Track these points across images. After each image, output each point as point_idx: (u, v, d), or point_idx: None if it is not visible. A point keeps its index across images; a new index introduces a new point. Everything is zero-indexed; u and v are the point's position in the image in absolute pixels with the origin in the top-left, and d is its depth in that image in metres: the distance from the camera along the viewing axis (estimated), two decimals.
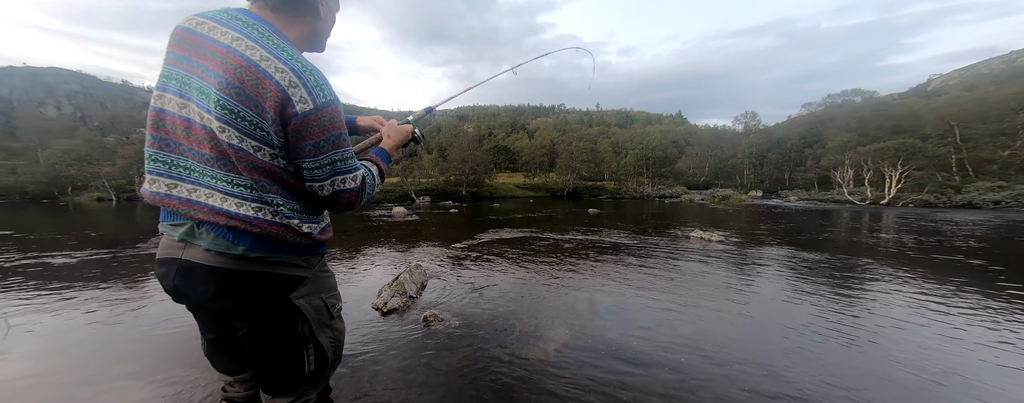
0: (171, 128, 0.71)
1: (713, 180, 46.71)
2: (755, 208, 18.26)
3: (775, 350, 2.33)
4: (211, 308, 0.75)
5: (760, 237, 7.55)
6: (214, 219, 0.69)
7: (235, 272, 0.70)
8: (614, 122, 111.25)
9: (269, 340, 0.75)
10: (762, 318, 2.92)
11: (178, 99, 0.69)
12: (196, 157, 0.70)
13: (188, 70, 0.68)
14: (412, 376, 1.95)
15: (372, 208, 17.76)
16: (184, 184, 0.70)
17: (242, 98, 0.66)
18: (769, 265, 4.87)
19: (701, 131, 66.31)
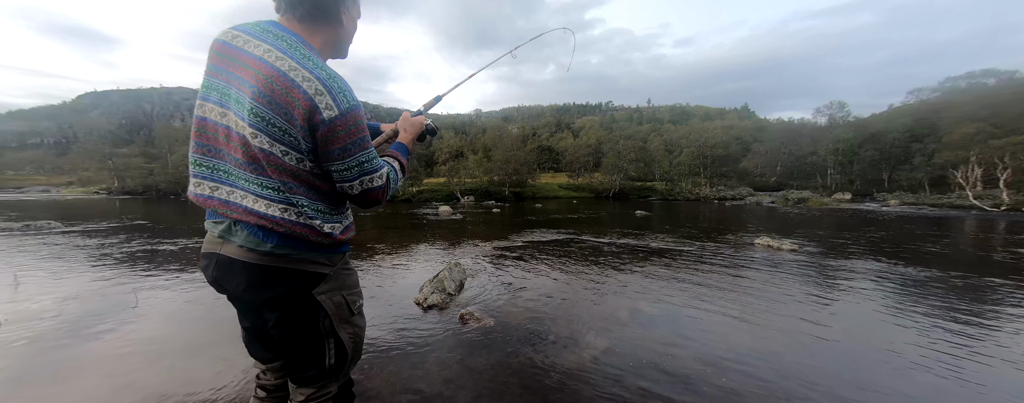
0: (212, 135, 0.77)
1: (787, 181, 40.99)
2: (841, 213, 15.68)
3: (854, 380, 1.95)
4: (244, 299, 0.82)
5: (845, 247, 6.46)
6: (246, 218, 0.75)
7: (264, 267, 0.75)
8: (667, 119, 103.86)
9: (294, 332, 0.80)
10: (841, 341, 2.47)
11: (218, 108, 0.75)
12: (233, 162, 0.76)
13: (226, 81, 0.75)
14: (447, 372, 1.99)
15: (420, 207, 18.80)
16: (224, 186, 0.77)
17: (273, 106, 0.71)
18: (855, 279, 4.13)
19: (772, 126, 58.53)
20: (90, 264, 4.58)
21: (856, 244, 6.76)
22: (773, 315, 2.96)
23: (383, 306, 3.08)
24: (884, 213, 15.92)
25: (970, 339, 2.51)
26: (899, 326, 2.76)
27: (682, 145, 44.87)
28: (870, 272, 4.51)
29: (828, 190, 34.06)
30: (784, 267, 4.75)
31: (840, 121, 42.42)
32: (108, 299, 3.17)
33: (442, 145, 52.25)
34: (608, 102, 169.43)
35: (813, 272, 4.51)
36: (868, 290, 3.73)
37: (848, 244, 6.78)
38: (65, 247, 5.77)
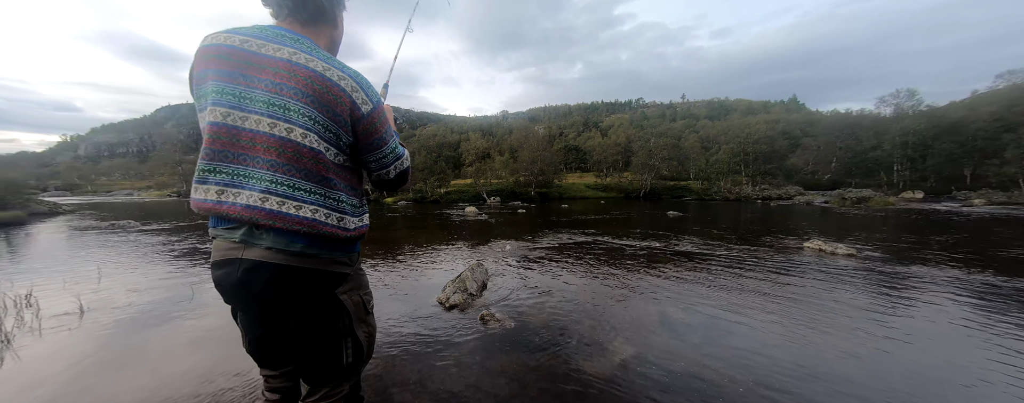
0: (230, 140, 0.74)
1: (843, 178, 36.97)
2: (910, 214, 13.85)
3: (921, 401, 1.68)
4: (268, 302, 0.78)
5: (914, 251, 5.70)
6: (274, 221, 0.73)
7: (293, 268, 0.75)
8: (704, 114, 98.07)
9: (315, 333, 0.80)
10: (907, 356, 2.16)
11: (238, 112, 0.73)
12: (260, 165, 0.74)
13: (247, 85, 0.73)
14: (466, 373, 1.99)
15: (447, 207, 19.23)
16: (244, 190, 0.74)
17: (318, 106, 0.74)
18: (925, 288, 3.62)
19: (825, 118, 52.80)
20: (158, 259, 5.15)
21: (928, 248, 5.94)
22: (824, 326, 2.66)
23: (407, 304, 3.16)
24: (965, 214, 13.88)
25: None
26: (980, 342, 2.36)
27: (720, 141, 41.83)
28: (945, 280, 3.93)
29: (894, 188, 30.35)
30: (838, 273, 4.28)
31: (909, 111, 37.43)
32: (170, 292, 3.53)
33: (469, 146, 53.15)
34: (639, 99, 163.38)
35: (873, 279, 4.01)
36: (942, 300, 3.24)
37: (917, 248, 5.97)
38: (139, 244, 6.54)
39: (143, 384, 1.86)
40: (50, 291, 3.47)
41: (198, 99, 0.78)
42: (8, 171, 20.79)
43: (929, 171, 33.19)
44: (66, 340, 2.39)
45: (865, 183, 33.53)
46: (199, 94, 0.77)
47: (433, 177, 29.37)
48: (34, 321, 2.66)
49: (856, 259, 5.14)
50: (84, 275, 4.15)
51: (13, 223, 10.48)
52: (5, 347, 2.25)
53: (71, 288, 3.58)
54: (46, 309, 2.91)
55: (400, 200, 26.70)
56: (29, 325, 2.59)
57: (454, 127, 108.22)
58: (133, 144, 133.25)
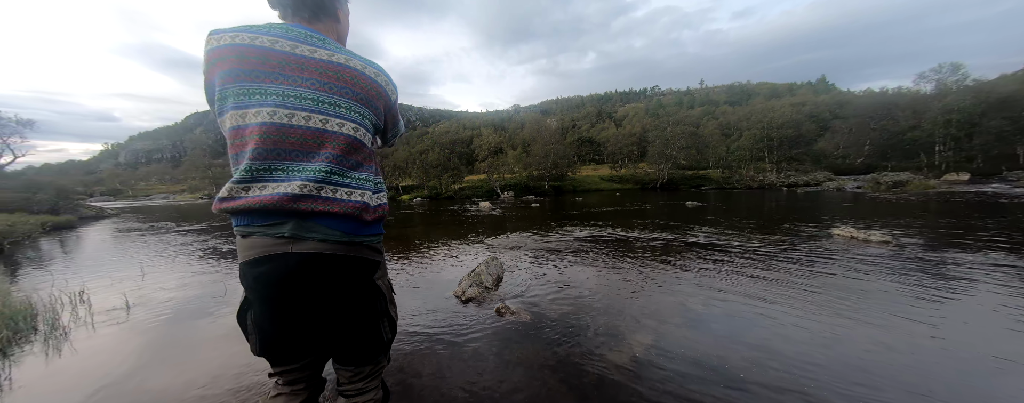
0: (281, 138, 0.75)
1: (877, 162, 34.58)
2: (954, 197, 12.89)
3: (967, 395, 1.58)
4: (318, 293, 0.79)
5: (958, 237, 5.31)
6: (330, 208, 0.77)
7: (342, 258, 0.80)
8: (723, 100, 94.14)
9: (361, 317, 0.86)
10: (952, 347, 2.03)
11: (283, 110, 0.74)
12: (314, 159, 0.76)
13: (290, 84, 0.75)
14: (482, 364, 2.02)
15: (461, 203, 19.42)
16: (292, 183, 0.74)
17: (363, 101, 0.83)
18: (970, 276, 3.37)
19: (857, 99, 49.36)
20: (193, 258, 5.47)
21: (973, 234, 5.51)
22: (854, 316, 2.53)
23: (424, 298, 3.24)
24: (1016, 196, 12.82)
25: None
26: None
27: (742, 127, 39.96)
28: (991, 267, 3.64)
29: (936, 170, 28.25)
30: (871, 262, 4.05)
31: (953, 86, 34.46)
32: (205, 288, 3.75)
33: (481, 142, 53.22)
34: (654, 87, 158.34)
35: (911, 267, 3.78)
36: (987, 290, 3.01)
37: (961, 234, 5.55)
38: (176, 244, 6.97)
39: (189, 373, 2.00)
40: (100, 288, 3.75)
41: (223, 99, 0.76)
42: (60, 179, 22.53)
43: (976, 151, 30.55)
44: (116, 333, 2.58)
45: (903, 166, 31.24)
46: (226, 94, 0.75)
47: (447, 174, 29.68)
48: (87, 316, 2.89)
49: (891, 246, 4.85)
50: (129, 274, 4.47)
51: (66, 226, 11.38)
52: (64, 339, 2.46)
53: (118, 286, 3.87)
54: (97, 305, 3.15)
55: (415, 197, 27.17)
56: (83, 320, 2.82)
57: (466, 123, 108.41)
58: (167, 150, 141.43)
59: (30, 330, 2.53)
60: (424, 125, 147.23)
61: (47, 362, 2.16)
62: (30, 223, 9.78)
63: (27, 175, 22.67)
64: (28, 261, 5.73)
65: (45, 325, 2.61)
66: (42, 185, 16.14)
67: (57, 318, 2.73)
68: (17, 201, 13.21)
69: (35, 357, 2.22)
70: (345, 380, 0.90)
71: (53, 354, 2.26)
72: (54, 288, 3.39)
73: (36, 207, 13.31)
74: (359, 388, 0.90)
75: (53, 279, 4.10)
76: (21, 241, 8.15)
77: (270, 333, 0.83)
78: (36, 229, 9.60)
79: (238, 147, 0.77)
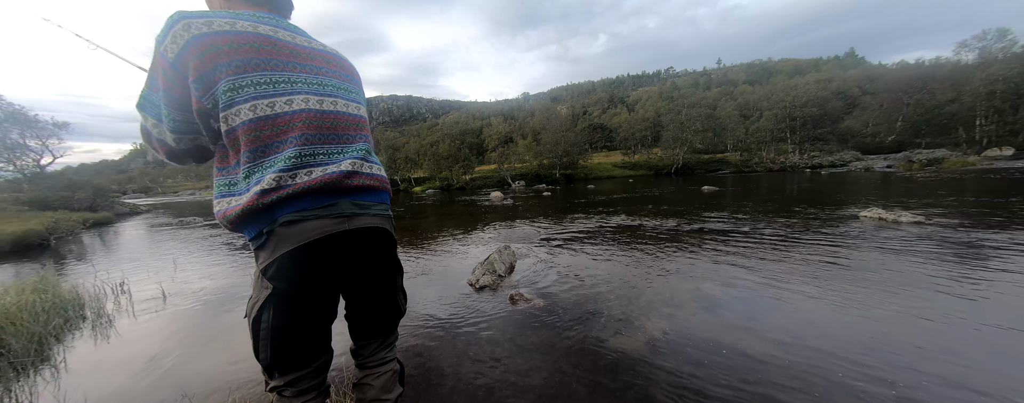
0: (321, 124, 0.78)
1: (910, 139, 32.44)
2: (994, 174, 12.04)
3: (1006, 378, 1.51)
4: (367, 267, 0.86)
5: (996, 216, 4.98)
6: (378, 184, 0.87)
7: (388, 231, 0.89)
8: (742, 80, 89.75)
9: (388, 289, 0.94)
10: (987, 328, 1.93)
11: (315, 97, 0.79)
12: (344, 140, 0.84)
13: (309, 73, 0.80)
14: (497, 350, 2.06)
15: (472, 194, 19.51)
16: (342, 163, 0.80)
17: (357, 83, 0.93)
18: (1008, 256, 3.16)
19: (889, 73, 45.94)
20: (220, 250, 5.74)
21: (1013, 212, 5.17)
22: (889, 296, 2.43)
23: (438, 286, 3.31)
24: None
25: None
26: None
27: (762, 108, 38.12)
28: None
29: (975, 146, 26.41)
30: (901, 243, 3.86)
31: (999, 54, 31.61)
32: (233, 278, 3.94)
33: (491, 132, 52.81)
34: (668, 69, 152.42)
35: (945, 248, 3.58)
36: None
37: (1000, 212, 5.21)
38: (205, 237, 7.32)
39: (224, 354, 2.12)
40: (139, 280, 4.00)
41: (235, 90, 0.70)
42: (96, 178, 23.84)
43: (1021, 124, 28.32)
44: (155, 320, 2.76)
45: (938, 143, 29.24)
46: (241, 84, 0.71)
47: (457, 164, 29.76)
48: (128, 305, 3.10)
49: (923, 227, 4.61)
50: (163, 265, 4.74)
51: (104, 223, 12.10)
52: (110, 326, 2.65)
53: (153, 277, 4.11)
54: (137, 294, 3.37)
55: (427, 188, 27.46)
56: (125, 308, 3.03)
57: (476, 113, 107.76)
58: None
59: (79, 318, 2.74)
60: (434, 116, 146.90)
61: (96, 348, 2.34)
62: (72, 220, 10.45)
63: (66, 175, 24.12)
64: (72, 255, 6.16)
65: (92, 313, 2.81)
66: (81, 184, 17.15)
67: (102, 307, 2.93)
68: (58, 200, 14.10)
69: (85, 343, 2.40)
70: (368, 353, 0.96)
71: (101, 340, 2.44)
72: (97, 280, 3.63)
73: (76, 205, 14.18)
74: (382, 357, 0.96)
75: (95, 271, 4.40)
76: (65, 236, 8.74)
77: (294, 331, 0.79)
78: (78, 225, 10.25)
79: (268, 138, 0.73)
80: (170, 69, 0.71)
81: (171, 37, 0.70)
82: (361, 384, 0.94)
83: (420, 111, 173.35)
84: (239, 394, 1.68)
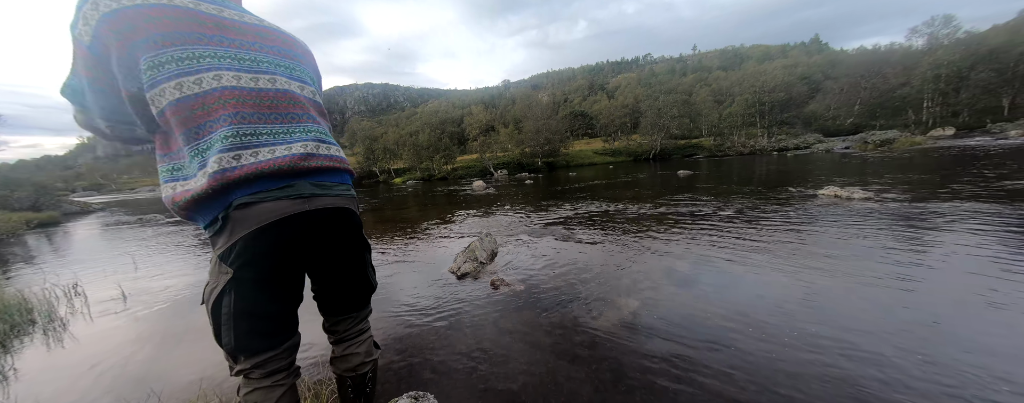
0: (255, 102, 0.73)
1: (867, 121, 34.73)
2: (938, 152, 13.11)
3: (938, 334, 1.70)
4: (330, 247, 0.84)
5: (938, 190, 5.43)
6: (336, 165, 0.83)
7: (352, 211, 0.86)
8: (716, 65, 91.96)
9: (358, 266, 0.93)
10: (925, 292, 2.14)
11: (247, 74, 0.73)
12: (289, 119, 0.78)
13: (240, 48, 0.74)
14: (480, 333, 2.10)
15: (454, 184, 19.31)
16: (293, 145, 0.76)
17: (302, 61, 0.86)
18: (948, 226, 3.48)
19: (849, 57, 48.43)
20: (186, 248, 5.43)
21: (953, 185, 5.68)
22: (834, 270, 2.63)
23: (420, 275, 3.29)
24: (998, 147, 13.10)
25: None
26: (1006, 273, 2.30)
27: (734, 93, 39.43)
28: (966, 216, 3.76)
29: (922, 127, 28.59)
30: (853, 218, 4.17)
31: (944, 40, 33.99)
32: (202, 276, 3.75)
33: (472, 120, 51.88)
34: (647, 55, 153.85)
35: (891, 221, 3.90)
36: (962, 237, 3.12)
37: (942, 187, 5.71)
38: (168, 234, 6.89)
39: (189, 357, 2.04)
40: (93, 281, 3.74)
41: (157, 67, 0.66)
42: (37, 175, 21.74)
43: (962, 105, 30.74)
44: (115, 322, 2.61)
45: (891, 124, 31.43)
46: (162, 61, 0.66)
47: (438, 154, 29.22)
48: (83, 307, 2.90)
49: (873, 202, 5.00)
50: (121, 266, 4.44)
51: (51, 223, 11.14)
52: (64, 330, 2.48)
53: (111, 278, 3.86)
54: (93, 296, 3.16)
55: (408, 179, 26.90)
56: (80, 311, 2.83)
57: (456, 102, 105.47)
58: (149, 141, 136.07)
59: (27, 323, 2.54)
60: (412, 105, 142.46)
61: (49, 352, 2.19)
62: (12, 221, 9.55)
63: (1, 172, 21.85)
64: (15, 257, 5.66)
65: (42, 318, 2.62)
66: (20, 182, 15.61)
67: (53, 311, 2.73)
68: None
69: (36, 349, 2.24)
70: (345, 328, 0.98)
71: (55, 345, 2.28)
72: (46, 283, 3.36)
73: (16, 204, 12.95)
74: (359, 329, 0.99)
75: (44, 274, 4.07)
76: (5, 239, 8.00)
77: (259, 314, 0.77)
78: (19, 227, 9.39)
79: (200, 117, 0.69)
80: (89, 55, 0.66)
81: (82, 19, 0.64)
82: (345, 356, 0.96)
83: (397, 100, 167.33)
84: (208, 384, 1.63)
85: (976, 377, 1.44)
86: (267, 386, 0.80)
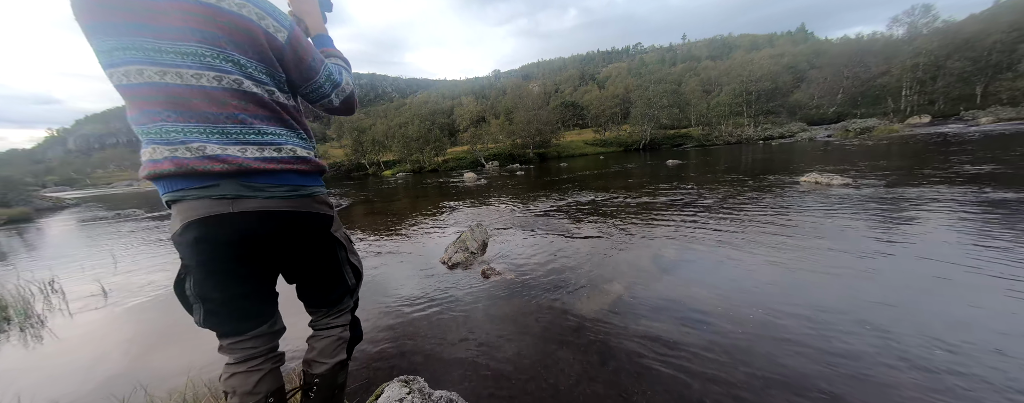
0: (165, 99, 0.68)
1: (849, 110, 35.61)
2: (913, 140, 13.55)
3: (901, 312, 1.80)
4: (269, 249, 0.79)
5: (911, 176, 5.65)
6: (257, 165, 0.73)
7: (292, 213, 0.78)
8: (705, 55, 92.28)
9: (324, 266, 0.90)
10: (891, 272, 2.25)
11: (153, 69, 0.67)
12: (205, 119, 0.70)
13: (152, 36, 0.66)
14: (471, 320, 2.13)
15: (446, 176, 19.16)
16: (208, 144, 0.70)
17: (236, 47, 0.70)
18: (919, 211, 3.63)
19: (833, 47, 49.21)
20: (170, 243, 5.29)
21: (925, 171, 5.92)
22: (811, 252, 2.74)
23: (413, 266, 3.29)
24: (969, 134, 13.64)
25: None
26: (971, 257, 2.43)
27: (722, 83, 39.80)
28: (940, 200, 3.93)
29: (900, 115, 29.47)
30: (832, 204, 4.32)
31: (924, 29, 34.78)
32: None
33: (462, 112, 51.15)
34: (636, 45, 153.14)
35: (867, 206, 4.05)
36: (934, 220, 3.27)
37: (915, 173, 5.94)
38: (150, 229, 6.69)
39: (174, 350, 2.02)
40: (71, 278, 3.63)
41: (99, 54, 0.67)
42: (4, 169, 20.64)
43: (938, 93, 31.68)
44: (96, 318, 2.55)
45: (871, 112, 32.31)
46: (100, 49, 0.66)
47: (429, 146, 28.83)
48: (62, 304, 2.82)
49: (851, 188, 5.18)
50: (100, 262, 4.31)
51: (22, 219, 10.67)
52: (41, 327, 2.42)
53: (90, 273, 3.75)
54: (71, 293, 3.07)
55: (398, 172, 26.55)
56: (58, 307, 2.76)
57: (445, 92, 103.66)
58: (122, 134, 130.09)
59: (1, 321, 2.46)
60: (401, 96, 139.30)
61: (28, 349, 2.14)
62: None
63: None
64: None
65: (18, 316, 2.54)
66: None
67: (30, 308, 2.65)
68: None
69: (13, 346, 2.18)
70: (315, 319, 0.97)
71: (33, 342, 2.22)
72: (20, 280, 3.24)
73: None
74: (327, 324, 0.96)
75: (17, 271, 3.92)
76: None
77: (216, 300, 0.78)
78: None
79: (133, 108, 0.70)
80: None
81: None
82: (308, 343, 0.97)
83: (385, 90, 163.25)
84: (196, 374, 1.62)
85: (925, 347, 1.55)
86: (243, 371, 0.82)
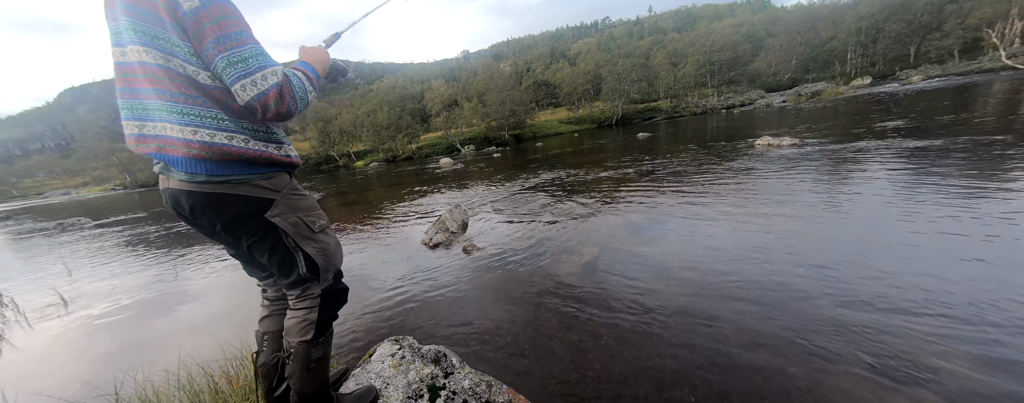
0: (127, 76, 0.76)
1: (802, 75, 37.71)
2: (855, 101, 14.67)
3: (843, 257, 2.09)
4: (201, 225, 0.83)
5: (850, 134, 6.20)
6: (174, 150, 0.74)
7: (206, 195, 0.76)
8: (671, 27, 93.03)
9: (265, 249, 0.85)
10: (836, 226, 2.56)
11: (119, 48, 0.75)
12: (148, 95, 0.74)
13: (112, 20, 0.75)
14: (457, 294, 2.23)
15: (421, 163, 18.75)
16: (149, 123, 0.76)
17: (141, 15, 0.69)
18: (856, 163, 4.03)
19: (788, 14, 51.05)
20: (129, 249, 4.98)
21: (860, 128, 6.59)
22: (762, 207, 3.03)
23: (395, 250, 3.33)
24: (905, 92, 14.98)
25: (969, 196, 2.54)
26: (902, 201, 2.78)
27: (687, 54, 40.66)
28: (872, 152, 4.39)
29: (846, 78, 31.60)
30: (781, 163, 4.72)
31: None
32: (149, 275, 3.52)
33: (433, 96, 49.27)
34: (605, 19, 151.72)
35: (810, 162, 4.47)
36: (869, 171, 3.65)
37: (852, 130, 6.58)
38: (103, 237, 6.22)
39: (167, 341, 1.99)
40: (23, 290, 3.38)
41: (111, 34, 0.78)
42: None
43: (878, 56, 33.87)
44: (59, 328, 2.44)
45: (821, 77, 34.44)
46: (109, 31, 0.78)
47: (400, 133, 27.83)
48: (17, 316, 2.66)
49: (799, 147, 5.68)
50: (52, 272, 4.02)
51: None
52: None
53: (42, 284, 3.50)
54: (26, 305, 2.88)
55: (371, 162, 25.63)
56: (13, 319, 2.60)
57: (414, 76, 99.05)
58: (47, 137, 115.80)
59: None
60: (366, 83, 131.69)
61: None
62: None
63: None
64: None
65: None
66: None
67: None
68: None
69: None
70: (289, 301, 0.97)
71: None
72: None
73: None
74: (292, 303, 0.94)
75: None
76: None
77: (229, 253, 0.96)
78: None
79: None
80: None
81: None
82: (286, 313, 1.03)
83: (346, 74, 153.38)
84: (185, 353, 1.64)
85: (867, 277, 1.82)
86: (261, 306, 1.06)
